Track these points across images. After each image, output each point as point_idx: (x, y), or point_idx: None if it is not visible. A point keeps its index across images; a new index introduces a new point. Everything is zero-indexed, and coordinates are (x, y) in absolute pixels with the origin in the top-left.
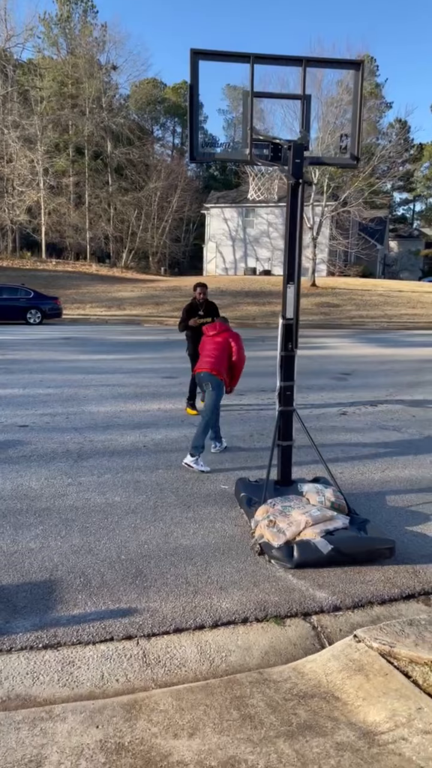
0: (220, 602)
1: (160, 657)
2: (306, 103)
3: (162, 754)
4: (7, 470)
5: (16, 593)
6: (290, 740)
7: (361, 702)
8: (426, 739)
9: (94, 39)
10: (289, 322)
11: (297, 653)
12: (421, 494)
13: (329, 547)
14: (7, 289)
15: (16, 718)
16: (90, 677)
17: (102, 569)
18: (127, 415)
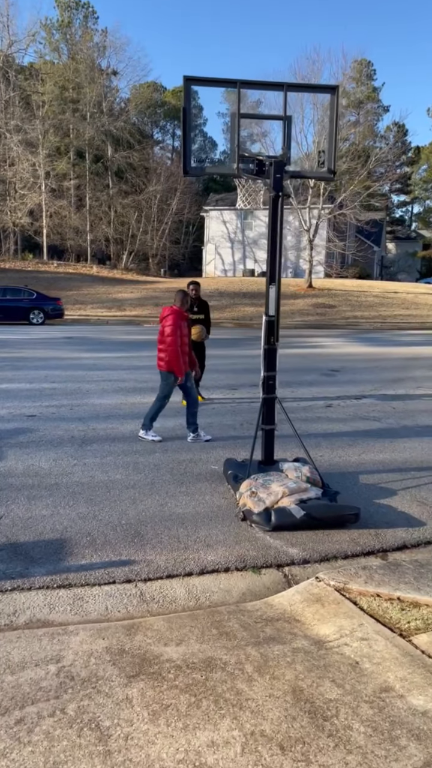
0: (207, 556)
1: (154, 596)
2: (287, 123)
3: (155, 655)
4: (19, 453)
5: (33, 548)
6: (257, 647)
7: (316, 622)
8: (363, 643)
9: (94, 44)
10: (271, 319)
11: (269, 594)
12: (392, 474)
13: (302, 513)
14: (10, 290)
15: (38, 633)
16: (96, 609)
17: (105, 531)
18: (127, 406)
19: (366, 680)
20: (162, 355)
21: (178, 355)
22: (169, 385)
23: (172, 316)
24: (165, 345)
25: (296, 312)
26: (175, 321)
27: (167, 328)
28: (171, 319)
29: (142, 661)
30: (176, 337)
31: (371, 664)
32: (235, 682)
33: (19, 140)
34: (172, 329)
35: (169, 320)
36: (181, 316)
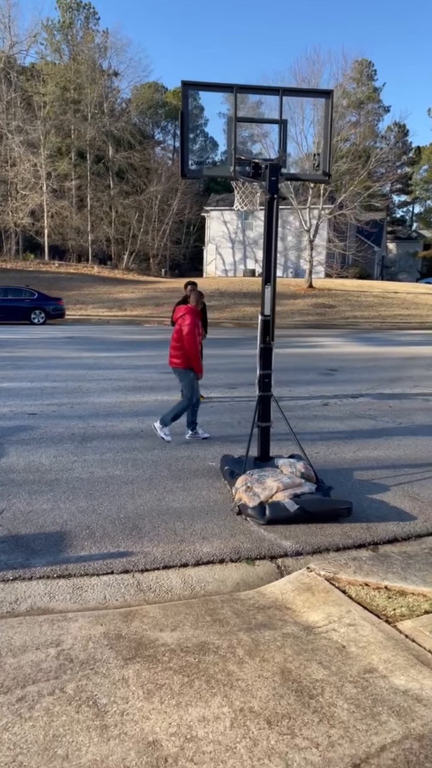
0: (202, 548)
1: (151, 585)
2: (283, 127)
3: (150, 640)
4: (20, 450)
5: (33, 540)
6: (248, 632)
7: (306, 609)
8: (350, 629)
9: (95, 45)
10: (266, 318)
11: (263, 584)
12: (385, 470)
13: (296, 507)
14: (12, 290)
15: (38, 619)
16: (95, 597)
17: (104, 524)
18: (126, 405)
19: (351, 662)
20: (178, 353)
21: (198, 352)
22: (191, 383)
23: (190, 315)
24: (183, 343)
25: (296, 312)
26: (193, 320)
27: (185, 326)
28: (189, 318)
29: (138, 645)
30: (195, 335)
31: (357, 647)
32: (226, 664)
33: (21, 141)
34: (191, 327)
35: (188, 319)
36: (197, 314)
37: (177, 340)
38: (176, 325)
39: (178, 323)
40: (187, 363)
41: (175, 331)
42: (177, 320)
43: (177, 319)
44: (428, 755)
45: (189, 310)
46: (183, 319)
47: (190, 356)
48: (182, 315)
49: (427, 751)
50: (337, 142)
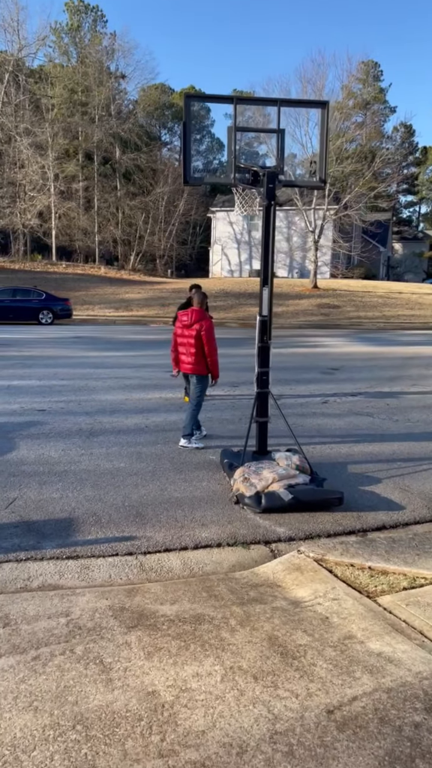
0: (201, 533)
1: (152, 566)
2: (280, 136)
3: (151, 611)
4: (30, 444)
5: (44, 526)
6: (241, 606)
7: (294, 587)
8: (333, 603)
9: (103, 48)
10: (264, 319)
11: (256, 566)
12: (379, 464)
13: (290, 496)
14: (20, 291)
15: (49, 594)
16: (101, 576)
17: (109, 511)
18: (132, 402)
19: (333, 630)
20: (197, 359)
21: (217, 358)
22: (205, 388)
23: (208, 321)
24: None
25: (300, 312)
26: (211, 325)
27: (205, 332)
28: (207, 324)
29: (140, 616)
30: (215, 341)
31: (339, 618)
32: (219, 631)
33: (29, 143)
34: (210, 333)
35: (206, 324)
36: (208, 317)
37: (195, 346)
38: (191, 331)
39: (194, 329)
40: (205, 369)
41: (191, 337)
42: (191, 326)
43: (192, 324)
44: (394, 704)
45: (202, 314)
46: (200, 324)
47: (213, 363)
48: (198, 320)
49: (394, 701)
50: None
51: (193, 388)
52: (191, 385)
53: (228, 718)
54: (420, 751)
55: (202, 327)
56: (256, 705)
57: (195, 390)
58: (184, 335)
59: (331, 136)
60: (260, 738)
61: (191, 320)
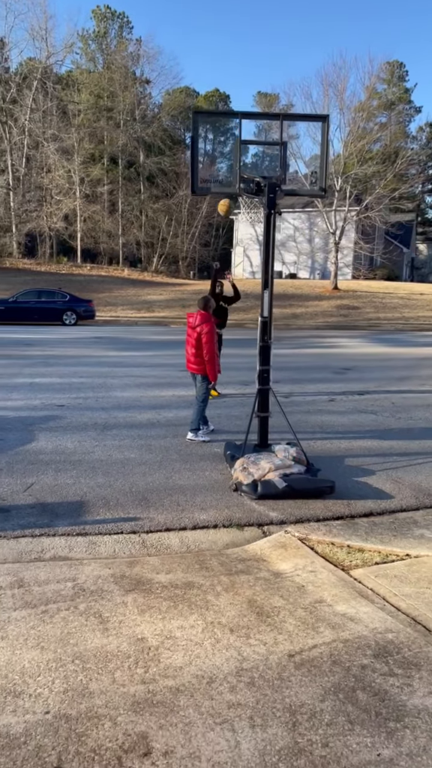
0: (200, 516)
1: (153, 543)
2: (283, 148)
3: (148, 579)
4: (49, 436)
5: (57, 507)
6: (228, 576)
7: (278, 561)
8: (311, 574)
9: (128, 53)
10: (264, 320)
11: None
12: (375, 458)
13: (284, 484)
14: (45, 292)
15: (59, 563)
16: (106, 551)
17: (118, 496)
18: (146, 399)
19: (306, 596)
20: (198, 360)
21: (216, 361)
22: (208, 387)
23: (209, 324)
24: (203, 351)
25: (319, 313)
26: (212, 329)
27: (205, 335)
28: (208, 327)
29: (137, 582)
30: (214, 344)
31: (313, 586)
32: (206, 595)
33: (56, 148)
34: (210, 337)
35: (206, 328)
36: (213, 322)
37: (196, 347)
38: (194, 333)
39: (196, 331)
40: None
41: (194, 339)
42: (195, 327)
43: (195, 327)
44: (348, 651)
45: (207, 318)
46: (201, 327)
47: (209, 363)
48: (201, 323)
49: (348, 649)
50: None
51: (198, 387)
52: (196, 384)
53: (203, 659)
54: (361, 684)
55: (202, 330)
56: (228, 650)
57: (200, 388)
58: (190, 335)
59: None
60: (228, 672)
61: (196, 322)
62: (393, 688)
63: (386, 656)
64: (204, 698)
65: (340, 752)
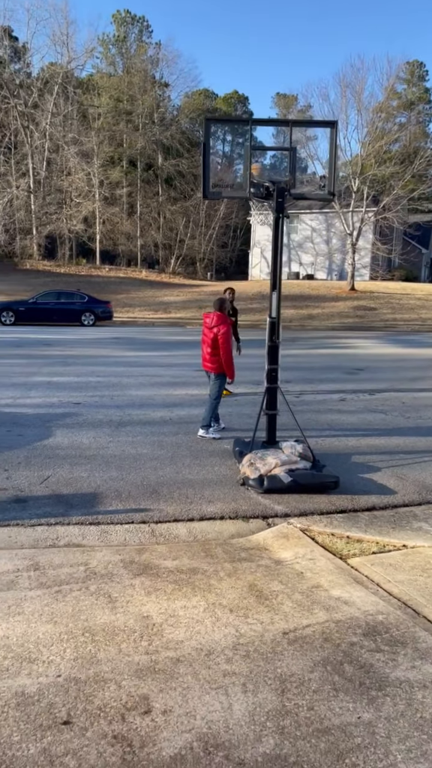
0: (207, 508)
1: (162, 533)
2: (292, 154)
3: (156, 565)
4: (66, 432)
5: (72, 498)
6: (231, 563)
7: (280, 550)
8: (310, 562)
9: (148, 57)
10: (273, 320)
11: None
12: (382, 455)
13: (289, 479)
14: (64, 294)
15: (73, 549)
16: (117, 539)
17: (129, 489)
18: (159, 397)
19: (304, 581)
20: (214, 359)
21: (232, 359)
22: (222, 385)
23: (225, 325)
24: (219, 351)
25: (336, 314)
26: (228, 330)
27: (221, 336)
28: (224, 328)
29: (145, 567)
30: (230, 345)
31: (312, 573)
32: (209, 580)
33: (76, 152)
34: (226, 337)
35: (223, 329)
36: (229, 323)
37: (212, 347)
38: (211, 333)
39: (212, 332)
40: (222, 368)
41: (210, 339)
42: (212, 328)
43: (212, 327)
44: (339, 630)
45: (223, 319)
46: (218, 329)
47: (226, 363)
48: (218, 324)
49: (339, 628)
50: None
51: (211, 384)
52: (210, 382)
53: (203, 634)
54: (349, 659)
55: (219, 331)
56: (227, 627)
57: (213, 386)
58: (206, 335)
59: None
60: (225, 646)
61: (212, 323)
62: (378, 663)
63: (375, 635)
64: (202, 667)
65: (323, 714)
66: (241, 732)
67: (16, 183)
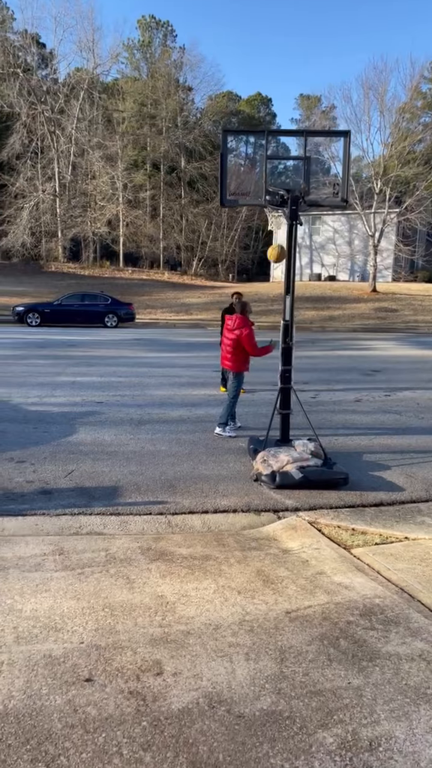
0: (221, 501)
1: (178, 523)
2: (307, 163)
3: (170, 552)
4: (89, 429)
5: (94, 491)
6: (242, 551)
7: (288, 540)
8: (315, 551)
9: (172, 62)
10: (286, 323)
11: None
12: (393, 454)
13: (300, 475)
14: (88, 296)
15: (95, 537)
16: (136, 528)
17: (148, 483)
18: (179, 397)
19: (309, 568)
20: (234, 358)
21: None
22: (239, 385)
23: (248, 328)
24: (247, 351)
25: (356, 316)
26: (250, 332)
27: (244, 338)
28: (247, 330)
29: (161, 554)
30: (254, 341)
31: (316, 561)
32: (220, 566)
33: (100, 156)
34: (249, 339)
35: (246, 331)
36: (251, 325)
37: (234, 348)
38: (232, 335)
39: (234, 333)
40: (239, 367)
41: (232, 339)
42: (233, 330)
43: (234, 330)
44: (338, 610)
45: (243, 320)
46: (241, 331)
47: (257, 353)
48: (240, 327)
49: (338, 609)
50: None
51: (230, 383)
52: (229, 380)
53: (212, 612)
54: (344, 634)
55: (242, 333)
56: (234, 606)
57: (232, 385)
58: (228, 337)
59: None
60: (232, 622)
61: (234, 325)
62: (371, 638)
63: (371, 615)
64: (209, 639)
65: (317, 680)
66: (242, 692)
67: (43, 187)
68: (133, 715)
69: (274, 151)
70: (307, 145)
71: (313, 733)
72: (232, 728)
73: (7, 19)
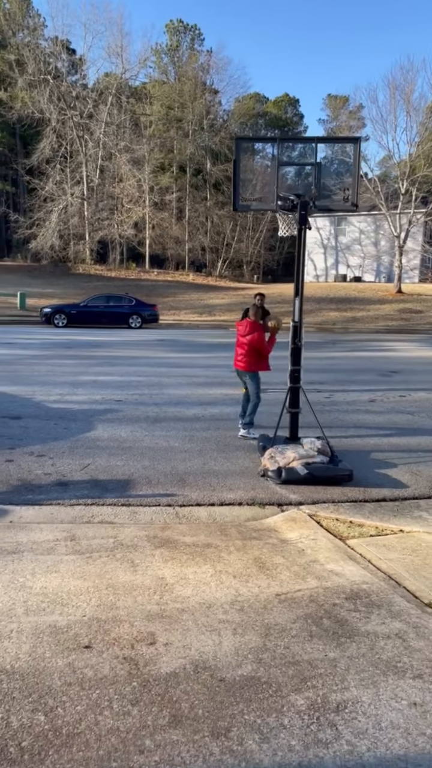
0: (227, 495)
1: (185, 515)
2: (317, 169)
3: (175, 540)
4: (106, 426)
5: (108, 483)
6: (243, 540)
7: (287, 531)
8: (312, 541)
9: (199, 65)
10: (295, 324)
11: None
12: (400, 453)
13: (305, 471)
14: (113, 297)
15: (105, 526)
16: (145, 518)
17: (159, 477)
18: (195, 396)
19: (304, 557)
20: (245, 359)
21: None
22: (259, 382)
23: (259, 333)
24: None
25: (380, 317)
26: (261, 337)
27: (256, 343)
28: (258, 335)
29: (166, 541)
30: (265, 343)
31: (312, 550)
32: (220, 553)
33: (128, 159)
34: (261, 343)
35: (256, 336)
36: (261, 328)
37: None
38: (245, 339)
39: (246, 339)
40: (250, 367)
41: (245, 344)
42: (245, 336)
43: (245, 335)
44: (325, 594)
45: (253, 325)
46: (252, 337)
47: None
48: (250, 333)
49: (326, 593)
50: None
51: (249, 385)
52: (247, 382)
53: (207, 593)
54: (328, 615)
55: (253, 338)
56: (228, 588)
57: (251, 386)
58: (241, 341)
59: (423, 138)
60: (224, 602)
61: (246, 331)
62: (353, 619)
63: (356, 599)
64: (201, 616)
65: (296, 652)
66: (226, 660)
67: (71, 190)
68: (125, 677)
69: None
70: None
71: (287, 696)
72: (213, 690)
73: (38, 27)
